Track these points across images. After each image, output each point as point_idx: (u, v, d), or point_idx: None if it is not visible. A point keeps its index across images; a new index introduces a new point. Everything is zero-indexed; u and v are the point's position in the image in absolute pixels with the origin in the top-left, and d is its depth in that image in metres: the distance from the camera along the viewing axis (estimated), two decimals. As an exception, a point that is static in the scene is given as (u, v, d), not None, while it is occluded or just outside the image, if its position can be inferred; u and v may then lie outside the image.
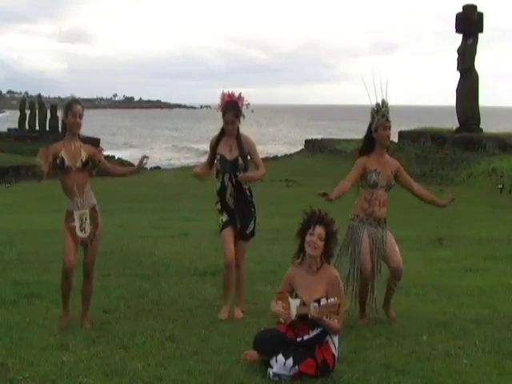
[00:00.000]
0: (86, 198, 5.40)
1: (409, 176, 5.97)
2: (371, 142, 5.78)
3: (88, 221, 5.41)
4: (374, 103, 5.74)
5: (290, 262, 4.92)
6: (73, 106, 5.38)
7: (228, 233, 5.92)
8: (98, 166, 5.49)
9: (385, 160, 5.79)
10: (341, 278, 4.91)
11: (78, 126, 5.41)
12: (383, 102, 5.72)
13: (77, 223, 5.38)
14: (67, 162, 5.32)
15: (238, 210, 5.92)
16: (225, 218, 5.94)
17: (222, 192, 5.94)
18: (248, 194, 5.96)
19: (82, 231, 5.39)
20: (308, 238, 4.72)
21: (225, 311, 5.92)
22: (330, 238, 4.73)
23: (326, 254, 4.74)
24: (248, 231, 5.98)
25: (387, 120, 5.70)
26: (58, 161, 5.32)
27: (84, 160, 5.36)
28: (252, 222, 6.00)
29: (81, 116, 5.40)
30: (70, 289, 5.49)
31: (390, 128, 5.75)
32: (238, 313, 5.94)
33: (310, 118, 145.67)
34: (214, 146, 5.96)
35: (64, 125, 5.50)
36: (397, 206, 7.54)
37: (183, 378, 4.39)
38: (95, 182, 5.64)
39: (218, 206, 5.99)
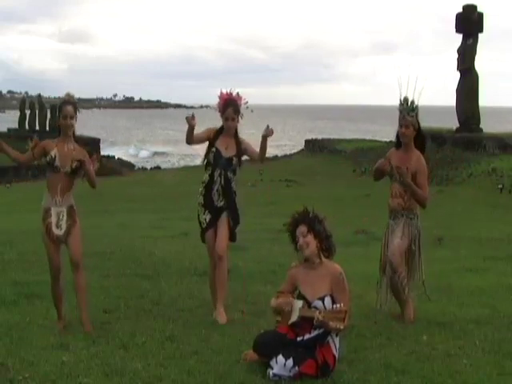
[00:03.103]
0: (65, 199, 5.37)
1: (424, 186, 5.73)
2: (399, 138, 5.93)
3: (65, 218, 5.37)
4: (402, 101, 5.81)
5: (291, 263, 4.93)
6: (63, 108, 5.33)
7: (211, 235, 5.93)
8: (84, 170, 5.35)
9: (406, 156, 5.80)
10: None
11: (69, 127, 5.35)
12: (405, 99, 5.77)
13: (53, 219, 5.35)
14: (57, 162, 5.30)
15: (226, 206, 5.89)
16: (208, 216, 5.93)
17: (208, 185, 5.91)
18: (234, 196, 5.95)
19: (58, 228, 5.36)
20: (297, 245, 4.71)
21: (221, 314, 5.83)
22: (313, 225, 4.70)
23: (322, 247, 4.71)
24: (235, 229, 5.95)
25: (403, 117, 5.75)
26: (48, 158, 5.30)
27: (74, 167, 5.32)
28: (236, 224, 5.97)
29: (71, 117, 5.34)
30: (60, 292, 5.51)
31: (407, 126, 5.75)
32: (221, 315, 5.80)
33: (309, 117, 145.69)
34: (213, 138, 5.95)
35: (58, 126, 5.44)
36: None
37: (183, 377, 4.39)
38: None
39: (201, 200, 5.96)
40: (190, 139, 5.94)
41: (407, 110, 5.75)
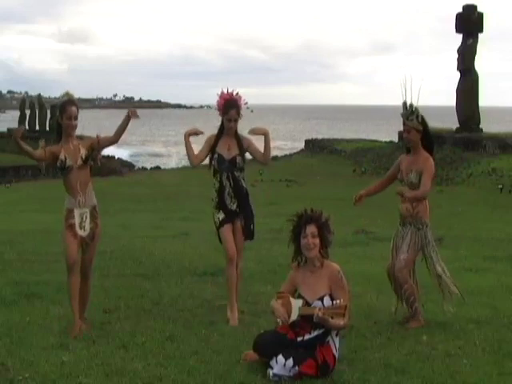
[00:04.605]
0: (88, 197, 5.40)
1: (426, 181, 5.68)
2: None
3: (88, 220, 5.40)
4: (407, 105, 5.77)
5: (291, 265, 4.92)
6: (67, 109, 5.34)
7: (227, 230, 5.92)
8: (100, 148, 5.45)
9: (414, 158, 5.78)
10: None
11: (73, 127, 5.39)
12: (404, 104, 5.74)
13: (77, 220, 5.36)
14: (68, 162, 5.33)
15: (239, 209, 5.93)
16: (221, 216, 5.92)
17: (220, 190, 5.92)
18: (245, 192, 5.97)
19: (81, 229, 5.37)
20: (303, 241, 4.71)
21: (233, 316, 5.80)
22: (323, 230, 4.73)
23: (322, 246, 4.74)
24: (251, 229, 5.99)
25: (404, 123, 5.75)
26: (58, 163, 5.34)
27: (84, 157, 5.37)
28: (252, 221, 6.01)
29: (75, 117, 5.36)
30: (77, 287, 5.42)
31: (408, 130, 5.72)
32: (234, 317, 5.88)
33: (309, 117, 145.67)
34: (213, 145, 5.96)
35: (58, 125, 5.46)
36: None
37: (183, 377, 4.39)
38: (96, 183, 5.64)
39: (215, 204, 5.96)
40: (192, 159, 5.92)
41: (406, 114, 5.73)
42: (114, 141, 5.52)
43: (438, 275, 5.81)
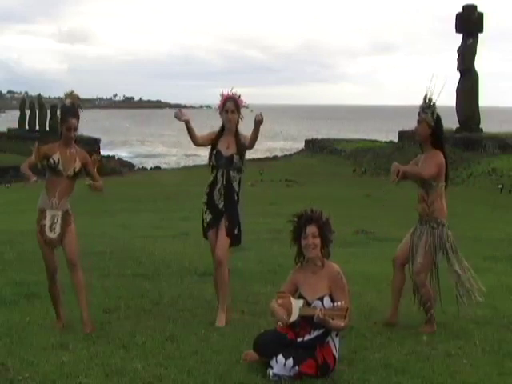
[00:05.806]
0: (62, 202, 5.36)
1: (427, 165, 5.62)
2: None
3: (59, 222, 5.36)
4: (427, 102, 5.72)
5: (291, 264, 4.93)
6: (67, 120, 5.32)
7: (212, 235, 5.93)
8: (87, 174, 5.52)
9: (424, 157, 5.72)
10: None
11: (72, 138, 5.39)
12: (424, 97, 5.69)
13: (47, 222, 5.34)
14: (60, 166, 5.31)
15: (225, 208, 5.91)
16: (209, 216, 5.93)
17: (212, 185, 5.93)
18: (236, 197, 5.94)
19: (51, 231, 5.35)
20: (303, 242, 4.71)
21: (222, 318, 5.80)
22: (324, 230, 4.73)
23: (323, 245, 4.74)
24: (234, 232, 5.92)
25: (418, 114, 5.69)
26: (50, 161, 5.30)
27: (77, 170, 5.36)
28: (237, 227, 5.93)
29: (75, 129, 5.36)
30: (58, 292, 5.54)
31: (419, 121, 5.66)
32: (220, 319, 5.76)
33: (309, 117, 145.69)
34: (214, 140, 5.95)
35: (59, 132, 5.45)
36: (398, 206, 7.54)
37: (183, 377, 4.39)
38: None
39: (205, 199, 5.96)
40: (194, 139, 5.94)
41: (423, 107, 5.68)
42: (99, 186, 5.50)
43: (456, 274, 5.74)
